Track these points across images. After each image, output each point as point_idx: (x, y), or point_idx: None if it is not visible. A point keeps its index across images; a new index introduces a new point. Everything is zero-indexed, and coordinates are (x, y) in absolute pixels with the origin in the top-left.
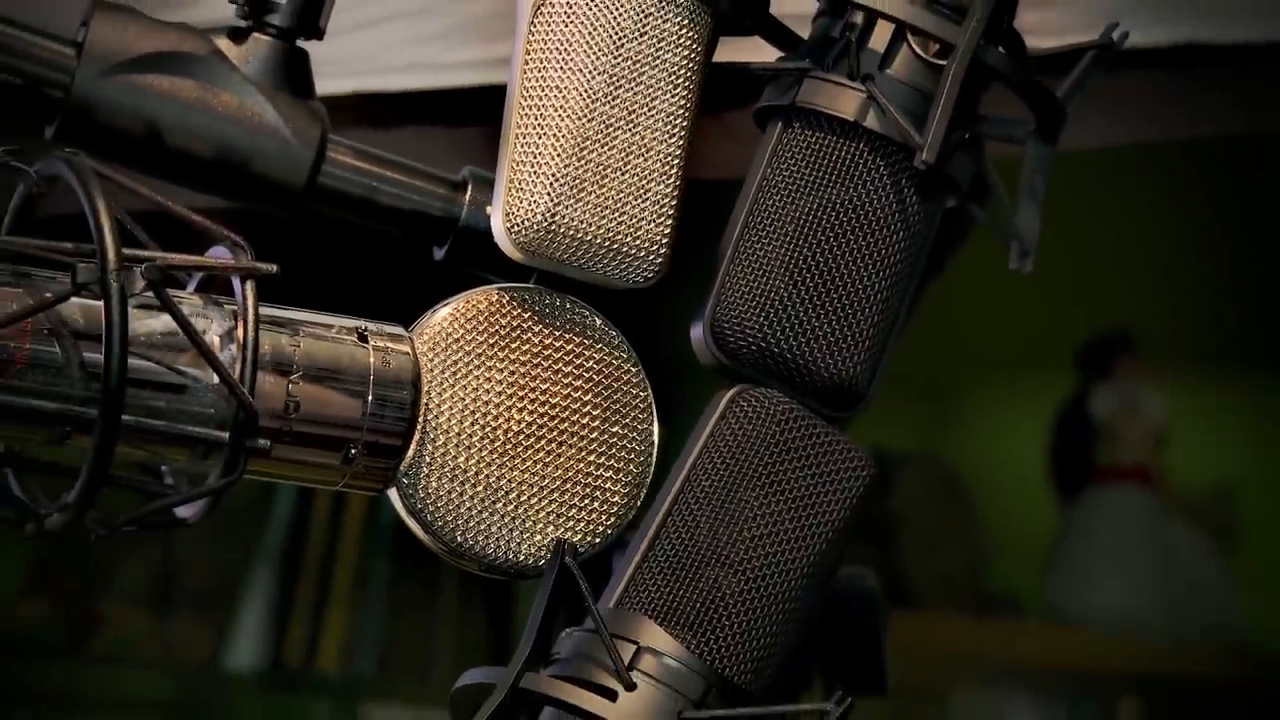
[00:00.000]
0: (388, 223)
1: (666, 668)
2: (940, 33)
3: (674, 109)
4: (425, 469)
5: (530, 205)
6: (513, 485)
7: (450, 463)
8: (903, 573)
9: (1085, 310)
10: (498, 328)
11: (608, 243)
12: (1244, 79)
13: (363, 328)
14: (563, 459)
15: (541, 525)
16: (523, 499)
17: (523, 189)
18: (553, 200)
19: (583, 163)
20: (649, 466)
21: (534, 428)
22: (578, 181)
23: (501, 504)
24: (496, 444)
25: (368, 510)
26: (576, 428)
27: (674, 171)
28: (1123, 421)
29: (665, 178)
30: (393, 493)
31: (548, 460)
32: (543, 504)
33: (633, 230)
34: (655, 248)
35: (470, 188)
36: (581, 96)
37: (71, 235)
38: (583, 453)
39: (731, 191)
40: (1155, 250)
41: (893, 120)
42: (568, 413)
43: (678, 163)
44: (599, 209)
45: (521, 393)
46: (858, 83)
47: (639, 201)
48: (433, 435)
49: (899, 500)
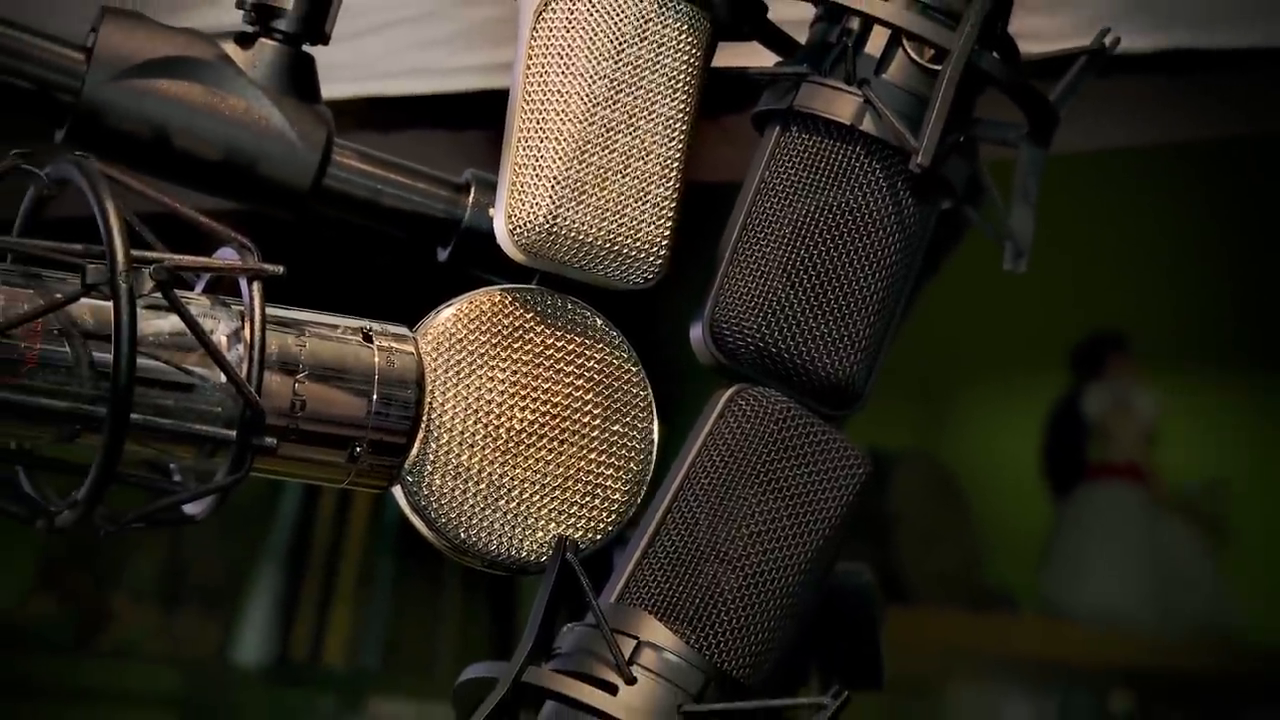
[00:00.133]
0: (391, 224)
1: (666, 662)
2: (935, 38)
3: (674, 113)
4: (429, 467)
5: (532, 207)
6: (515, 483)
7: (454, 461)
8: (899, 569)
9: (1078, 311)
10: (500, 328)
11: (608, 244)
12: (1242, 83)
13: (367, 328)
14: (564, 457)
15: (543, 522)
16: (525, 496)
17: (525, 191)
18: (554, 203)
19: (584, 166)
20: (649, 464)
21: (536, 426)
22: (579, 184)
23: (504, 501)
24: (499, 442)
25: (372, 507)
26: (578, 426)
27: (673, 174)
28: (1115, 420)
29: (665, 180)
30: (397, 490)
31: (550, 458)
32: (545, 501)
33: (633, 232)
34: (655, 249)
35: (473, 190)
36: (583, 101)
37: (81, 237)
38: (584, 451)
39: (730, 194)
40: (1148, 251)
41: (888, 124)
42: (569, 411)
43: (677, 166)
44: (600, 211)
45: (524, 392)
46: (854, 87)
47: (639, 204)
48: (436, 433)
49: (895, 497)
